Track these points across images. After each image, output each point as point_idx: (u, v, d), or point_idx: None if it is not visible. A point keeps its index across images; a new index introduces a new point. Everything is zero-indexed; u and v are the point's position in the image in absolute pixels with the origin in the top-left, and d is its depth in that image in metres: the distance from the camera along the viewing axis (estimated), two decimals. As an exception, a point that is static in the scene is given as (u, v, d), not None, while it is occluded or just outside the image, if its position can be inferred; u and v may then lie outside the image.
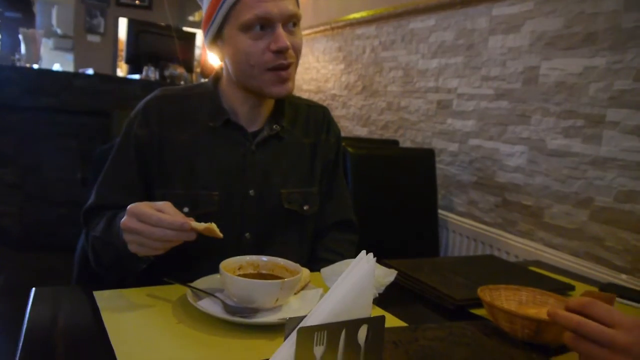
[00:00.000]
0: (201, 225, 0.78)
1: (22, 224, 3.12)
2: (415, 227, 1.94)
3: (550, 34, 1.75)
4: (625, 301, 1.13)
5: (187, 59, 3.98)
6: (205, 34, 1.01)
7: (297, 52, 1.00)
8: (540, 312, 0.85)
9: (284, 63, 0.96)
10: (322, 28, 3.32)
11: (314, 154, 1.15)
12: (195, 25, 7.26)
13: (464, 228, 2.05)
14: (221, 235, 0.79)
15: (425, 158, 1.97)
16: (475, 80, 2.07)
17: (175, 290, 0.85)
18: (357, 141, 2.22)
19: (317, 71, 3.47)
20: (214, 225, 0.79)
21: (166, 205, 0.81)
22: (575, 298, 0.66)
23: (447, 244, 2.12)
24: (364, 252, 0.60)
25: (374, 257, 0.60)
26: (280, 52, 0.95)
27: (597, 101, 1.59)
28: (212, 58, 4.20)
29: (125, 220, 0.80)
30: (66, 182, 2.94)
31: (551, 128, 1.74)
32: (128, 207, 0.81)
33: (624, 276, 1.47)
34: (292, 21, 0.97)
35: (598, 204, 1.58)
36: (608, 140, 1.55)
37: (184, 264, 0.95)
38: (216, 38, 1.00)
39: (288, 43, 0.95)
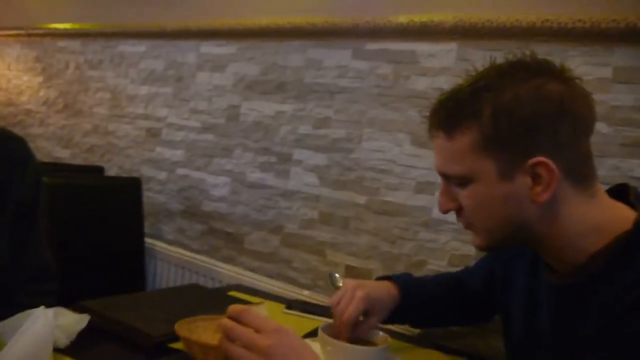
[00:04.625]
0: None
1: None
2: (121, 258, 1.87)
3: (250, 78, 1.95)
4: (307, 315, 1.34)
5: None
6: None
7: None
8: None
9: None
10: (15, 32, 2.92)
11: (4, 195, 1.00)
12: None
13: (172, 257, 2.07)
14: None
15: (131, 187, 1.93)
16: (184, 112, 2.15)
17: None
18: (54, 167, 2.02)
19: (9, 81, 3.02)
20: None
21: None
22: (233, 306, 0.74)
23: (155, 273, 2.11)
24: (41, 307, 0.57)
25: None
26: None
27: (287, 142, 1.84)
28: None
29: None
30: None
31: (250, 162, 1.93)
32: None
33: (306, 292, 1.73)
34: None
35: (287, 230, 1.83)
36: (294, 176, 1.82)
37: None
38: None
39: None
